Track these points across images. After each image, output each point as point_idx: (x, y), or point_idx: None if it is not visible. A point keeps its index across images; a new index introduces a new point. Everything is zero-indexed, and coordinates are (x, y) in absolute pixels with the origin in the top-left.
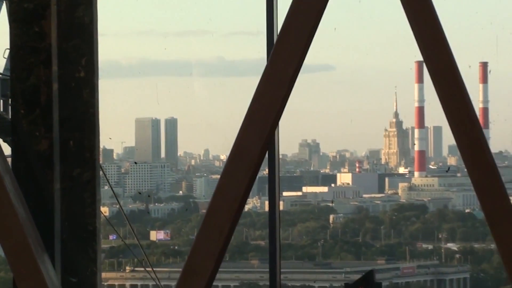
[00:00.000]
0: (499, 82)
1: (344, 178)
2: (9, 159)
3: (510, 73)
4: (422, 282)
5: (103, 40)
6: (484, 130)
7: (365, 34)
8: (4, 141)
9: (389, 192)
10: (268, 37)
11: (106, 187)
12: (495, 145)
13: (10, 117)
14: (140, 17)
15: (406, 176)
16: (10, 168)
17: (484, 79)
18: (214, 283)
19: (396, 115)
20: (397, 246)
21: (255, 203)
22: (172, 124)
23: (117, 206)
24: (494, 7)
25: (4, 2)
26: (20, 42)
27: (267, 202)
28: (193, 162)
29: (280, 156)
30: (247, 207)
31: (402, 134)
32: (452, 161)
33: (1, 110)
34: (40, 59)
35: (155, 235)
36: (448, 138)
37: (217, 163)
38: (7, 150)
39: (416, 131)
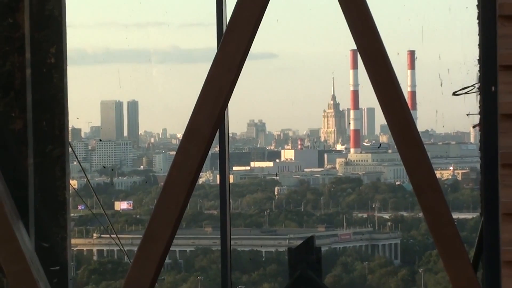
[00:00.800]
0: (425, 68)
1: (288, 154)
2: None
3: (434, 60)
4: (357, 247)
5: (71, 30)
6: (412, 111)
7: (305, 25)
8: None
9: (328, 166)
10: (218, 28)
11: (75, 163)
12: (421, 125)
13: None
14: (104, 10)
15: (343, 153)
16: None
17: (412, 65)
18: (172, 248)
19: (333, 98)
20: (335, 215)
21: (208, 176)
22: (133, 106)
23: (85, 179)
24: (419, 1)
25: None
26: None
27: (218, 176)
28: (152, 140)
29: (230, 135)
30: (200, 180)
31: (339, 115)
32: (384, 139)
33: None
34: (15, 47)
35: (119, 205)
36: (380, 119)
37: (173, 141)
38: None
39: (352, 112)
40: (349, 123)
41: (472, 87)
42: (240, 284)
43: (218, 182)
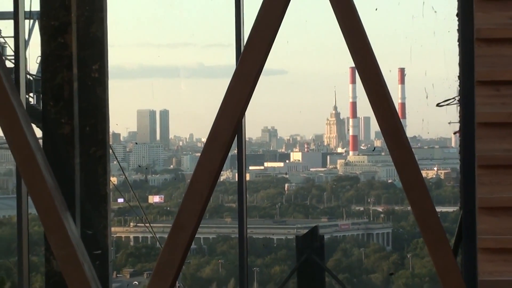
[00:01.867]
0: (413, 83)
1: (296, 156)
2: (40, 141)
3: (421, 76)
4: (355, 235)
5: (111, 49)
6: (402, 120)
7: (311, 46)
8: (37, 126)
9: (330, 167)
10: (236, 48)
11: (114, 162)
12: (410, 131)
13: (41, 108)
14: (139, 32)
15: (343, 155)
16: (41, 147)
17: (402, 81)
18: (196, 236)
19: (335, 108)
20: (336, 208)
21: (228, 175)
22: (164, 114)
23: (123, 176)
24: (409, 25)
25: (37, 20)
26: (49, 51)
27: (237, 174)
28: (181, 143)
29: (247, 139)
30: (221, 178)
31: (340, 123)
32: (378, 143)
33: (35, 102)
34: (64, 64)
35: (152, 199)
36: (374, 126)
37: (199, 144)
38: (38, 133)
39: (351, 120)
40: (348, 130)
41: (453, 100)
42: (254, 267)
43: (236, 179)
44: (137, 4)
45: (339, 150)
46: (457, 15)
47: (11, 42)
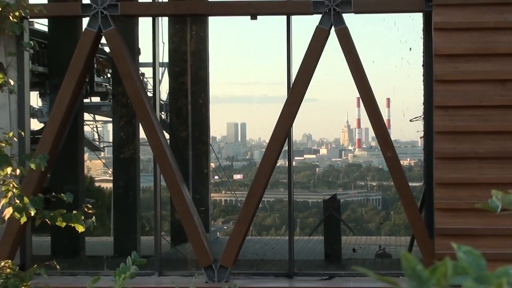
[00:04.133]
0: (395, 106)
1: (323, 151)
2: (168, 140)
3: (400, 102)
4: (359, 200)
5: (211, 85)
6: (388, 129)
7: (332, 83)
8: (166, 132)
9: (344, 158)
10: (287, 85)
11: (212, 154)
12: (393, 137)
13: (168, 121)
14: (230, 73)
15: (352, 151)
16: (169, 144)
17: (388, 106)
18: (263, 199)
19: (347, 122)
20: (347, 183)
21: (282, 162)
22: (243, 126)
23: (218, 163)
24: (393, 71)
25: (166, 68)
26: (173, 86)
27: (287, 162)
28: (253, 143)
29: (293, 141)
30: (278, 164)
31: (350, 131)
32: (373, 144)
33: (164, 117)
34: (182, 94)
35: (235, 177)
36: (371, 133)
37: (264, 144)
38: (167, 136)
39: (356, 130)
40: (355, 136)
41: (420, 117)
42: (297, 218)
43: (287, 165)
44: (228, 55)
45: (350, 147)
46: (423, 65)
47: (150, 80)
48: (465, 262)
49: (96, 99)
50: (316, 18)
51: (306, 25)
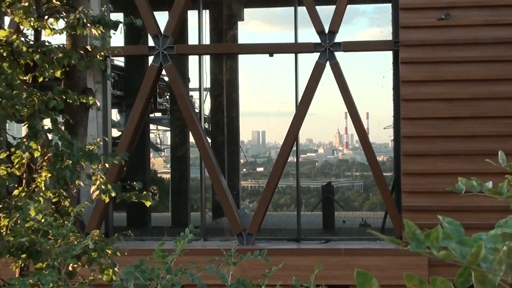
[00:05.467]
0: (372, 119)
1: (320, 151)
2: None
3: (376, 116)
4: (347, 185)
5: (241, 103)
6: (368, 135)
7: (327, 102)
8: (209, 138)
9: (335, 155)
10: (295, 103)
11: (241, 153)
12: (371, 140)
13: (210, 129)
14: (251, 96)
15: (341, 150)
16: (210, 146)
17: (367, 117)
18: (279, 185)
19: (338, 130)
20: (339, 173)
21: (292, 159)
22: (264, 133)
23: (246, 159)
24: (371, 93)
25: (208, 92)
26: (214, 104)
27: (295, 159)
28: (271, 145)
29: (301, 143)
30: (289, 160)
31: (340, 137)
32: (357, 145)
33: (207, 127)
34: (220, 110)
35: (257, 169)
36: (356, 137)
37: (278, 145)
38: (209, 141)
39: (345, 135)
40: (344, 139)
41: (391, 125)
42: (302, 199)
43: (295, 160)
44: (252, 82)
45: (340, 148)
46: (393, 89)
47: (197, 101)
48: (448, 229)
49: (158, 114)
50: (316, 55)
51: (308, 60)
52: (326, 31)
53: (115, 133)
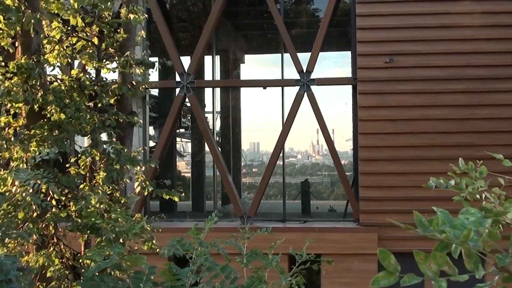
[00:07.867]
0: (338, 138)
1: (299, 156)
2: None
3: (342, 134)
4: (319, 181)
5: (242, 123)
6: (334, 145)
7: (308, 124)
8: (219, 147)
9: (310, 160)
10: (282, 121)
11: (242, 158)
12: (337, 149)
13: (220, 140)
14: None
15: (314, 157)
16: (220, 152)
17: (333, 132)
18: (270, 181)
19: (312, 141)
20: (313, 173)
21: (279, 162)
22: (258, 144)
23: (245, 162)
24: (337, 117)
25: (219, 115)
26: (222, 124)
27: (282, 162)
28: (264, 152)
29: (286, 150)
30: (278, 162)
31: (313, 146)
32: (326, 153)
33: (217, 140)
34: (227, 126)
35: (253, 170)
36: (325, 147)
37: (269, 153)
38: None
39: (317, 145)
40: (317, 148)
41: (351, 139)
42: (286, 191)
43: (281, 163)
44: (250, 107)
45: (313, 155)
46: (352, 112)
47: (210, 121)
48: (441, 217)
49: (182, 130)
50: (296, 88)
51: (291, 92)
52: (304, 71)
53: (151, 144)
